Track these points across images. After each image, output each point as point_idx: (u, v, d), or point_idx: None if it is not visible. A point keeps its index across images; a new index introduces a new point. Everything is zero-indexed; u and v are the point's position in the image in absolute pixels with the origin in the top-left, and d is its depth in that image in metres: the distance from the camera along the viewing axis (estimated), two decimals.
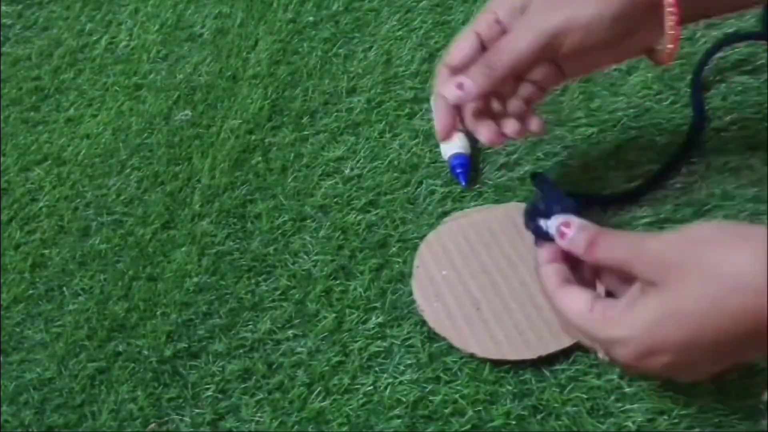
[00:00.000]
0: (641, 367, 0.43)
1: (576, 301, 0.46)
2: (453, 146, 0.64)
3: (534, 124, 0.54)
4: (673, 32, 0.48)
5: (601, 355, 0.46)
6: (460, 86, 0.50)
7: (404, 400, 0.54)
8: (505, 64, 0.49)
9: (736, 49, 0.66)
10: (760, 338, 0.39)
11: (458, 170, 0.63)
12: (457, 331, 0.55)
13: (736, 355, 0.42)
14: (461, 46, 0.52)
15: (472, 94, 0.50)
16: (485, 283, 0.57)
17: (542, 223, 0.49)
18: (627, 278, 0.45)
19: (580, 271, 0.49)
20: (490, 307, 0.56)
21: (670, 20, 0.47)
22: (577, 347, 0.53)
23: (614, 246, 0.45)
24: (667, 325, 0.41)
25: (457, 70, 0.52)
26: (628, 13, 0.48)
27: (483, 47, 0.52)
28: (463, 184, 0.63)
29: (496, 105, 0.54)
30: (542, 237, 0.50)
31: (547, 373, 0.54)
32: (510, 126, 0.53)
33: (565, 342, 0.53)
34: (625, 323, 0.43)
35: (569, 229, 0.47)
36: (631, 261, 0.44)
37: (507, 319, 0.55)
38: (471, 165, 0.64)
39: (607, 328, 0.44)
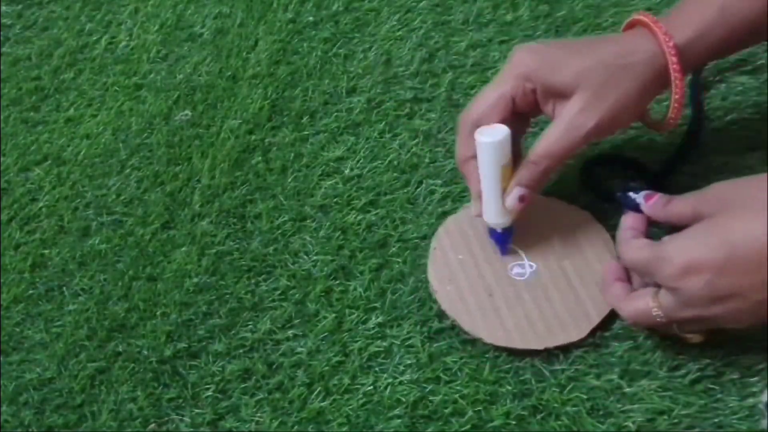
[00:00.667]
0: (685, 290, 0.46)
1: (637, 242, 0.51)
2: (499, 213, 0.57)
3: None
4: (676, 106, 0.53)
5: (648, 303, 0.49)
6: (523, 199, 0.55)
7: (404, 400, 0.54)
8: (554, 166, 0.54)
9: None
10: None
11: (502, 244, 0.58)
12: (468, 314, 0.56)
13: None
14: (489, 102, 0.54)
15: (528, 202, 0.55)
16: (500, 270, 0.58)
17: (632, 195, 0.55)
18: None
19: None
20: (502, 295, 0.56)
21: (676, 95, 0.53)
22: (578, 345, 0.54)
23: (683, 200, 0.51)
24: (708, 242, 0.46)
25: (476, 123, 0.54)
26: (651, 91, 0.53)
27: (513, 110, 0.55)
28: (504, 253, 0.59)
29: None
30: (629, 206, 0.55)
31: (547, 373, 0.54)
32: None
33: (574, 335, 0.54)
34: (673, 243, 0.48)
35: (653, 198, 0.53)
36: (698, 204, 0.49)
37: (518, 308, 0.56)
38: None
39: (655, 249, 0.48)
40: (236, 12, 0.79)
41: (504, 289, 0.57)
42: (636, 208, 0.54)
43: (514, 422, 0.52)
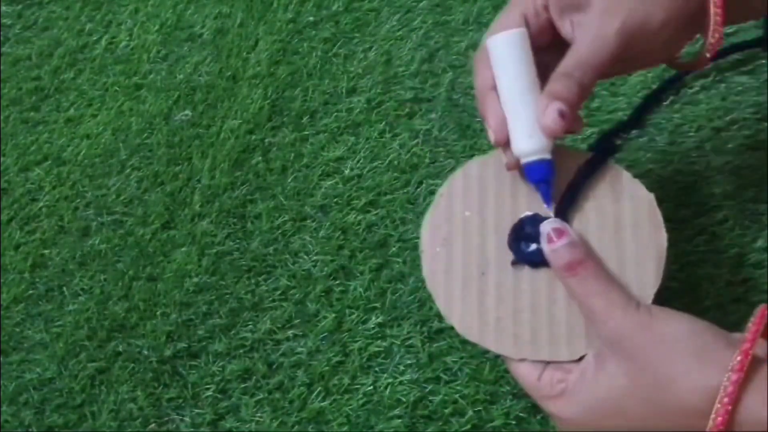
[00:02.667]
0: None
1: (525, 366, 0.44)
2: (531, 142, 0.45)
3: (578, 121, 0.47)
4: (717, 35, 0.44)
5: None
6: (563, 115, 0.43)
7: (404, 400, 0.54)
8: (592, 77, 0.44)
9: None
10: None
11: (542, 186, 0.46)
12: (448, 292, 0.46)
13: None
14: (507, 26, 0.46)
15: (568, 123, 0.44)
16: (504, 244, 0.47)
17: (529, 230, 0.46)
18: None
19: None
20: (496, 279, 0.46)
21: (716, 21, 0.44)
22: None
23: (590, 290, 0.42)
24: (606, 416, 0.41)
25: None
26: (681, 21, 0.44)
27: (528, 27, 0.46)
28: (547, 206, 0.46)
29: None
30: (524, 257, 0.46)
31: None
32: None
33: (562, 354, 0.44)
34: (570, 403, 0.42)
35: (561, 239, 0.44)
36: (596, 318, 0.42)
37: (509, 301, 0.46)
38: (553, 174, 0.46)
39: (551, 402, 0.43)
40: (236, 12, 0.79)
41: (501, 272, 0.46)
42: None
43: (514, 422, 0.52)
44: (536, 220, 0.46)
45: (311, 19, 0.77)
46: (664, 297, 0.56)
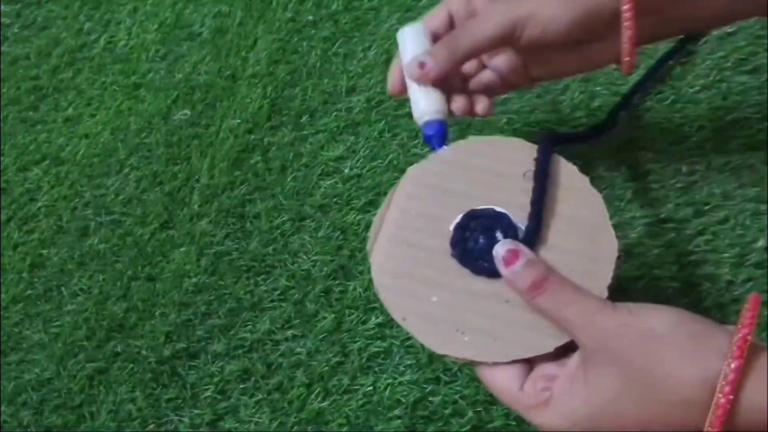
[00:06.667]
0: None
1: (505, 375, 0.42)
2: (427, 105, 0.51)
3: (481, 105, 0.53)
4: (627, 44, 0.47)
5: None
6: (422, 65, 0.50)
7: (404, 400, 0.54)
8: (466, 46, 0.50)
9: (737, 49, 0.66)
10: None
11: (433, 141, 0.50)
12: (392, 282, 0.44)
13: None
14: (431, 22, 0.53)
15: (432, 73, 0.50)
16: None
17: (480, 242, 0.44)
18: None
19: None
20: (435, 251, 0.44)
21: (626, 34, 0.47)
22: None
23: (562, 302, 0.40)
24: (603, 423, 0.39)
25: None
26: (589, 22, 0.48)
27: (452, 25, 0.53)
28: (438, 149, 0.50)
29: (456, 83, 0.53)
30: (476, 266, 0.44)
31: None
32: (457, 102, 0.52)
33: (499, 357, 0.42)
34: (560, 413, 0.40)
35: (517, 260, 0.42)
36: (575, 327, 0.40)
37: (463, 298, 0.43)
38: (446, 131, 0.51)
39: (536, 413, 0.40)
40: (235, 11, 0.79)
41: (444, 249, 0.44)
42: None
43: (514, 423, 0.52)
44: (479, 215, 0.45)
45: (311, 18, 0.77)
46: (665, 297, 0.56)
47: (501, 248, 0.42)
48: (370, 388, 0.55)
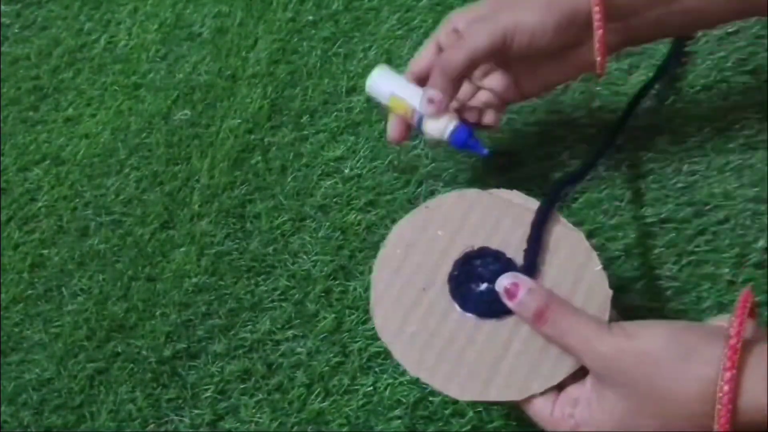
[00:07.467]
0: None
1: (537, 404, 0.44)
2: (442, 123, 0.54)
3: (489, 117, 0.55)
4: (598, 44, 0.50)
5: None
6: (431, 101, 0.52)
7: (404, 400, 0.54)
8: (458, 62, 0.51)
9: (737, 49, 0.66)
10: None
11: (469, 141, 0.53)
12: (382, 299, 0.46)
13: None
14: (423, 54, 0.55)
15: (444, 101, 0.52)
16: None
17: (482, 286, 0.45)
18: None
19: None
20: (435, 300, 0.46)
21: (597, 34, 0.50)
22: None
23: (563, 330, 0.42)
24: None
25: (418, 76, 0.55)
26: (568, 25, 0.50)
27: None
28: (485, 152, 0.53)
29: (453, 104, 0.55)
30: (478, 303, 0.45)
31: None
32: (470, 115, 0.55)
33: (475, 394, 0.43)
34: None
35: (520, 290, 0.44)
36: (580, 353, 0.42)
37: (444, 332, 0.45)
38: (472, 130, 0.54)
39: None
40: (236, 11, 0.79)
41: (441, 297, 0.46)
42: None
43: (514, 423, 0.52)
44: (472, 257, 0.47)
45: (311, 18, 0.77)
46: (665, 297, 0.56)
47: (503, 281, 0.44)
48: (371, 388, 0.55)
